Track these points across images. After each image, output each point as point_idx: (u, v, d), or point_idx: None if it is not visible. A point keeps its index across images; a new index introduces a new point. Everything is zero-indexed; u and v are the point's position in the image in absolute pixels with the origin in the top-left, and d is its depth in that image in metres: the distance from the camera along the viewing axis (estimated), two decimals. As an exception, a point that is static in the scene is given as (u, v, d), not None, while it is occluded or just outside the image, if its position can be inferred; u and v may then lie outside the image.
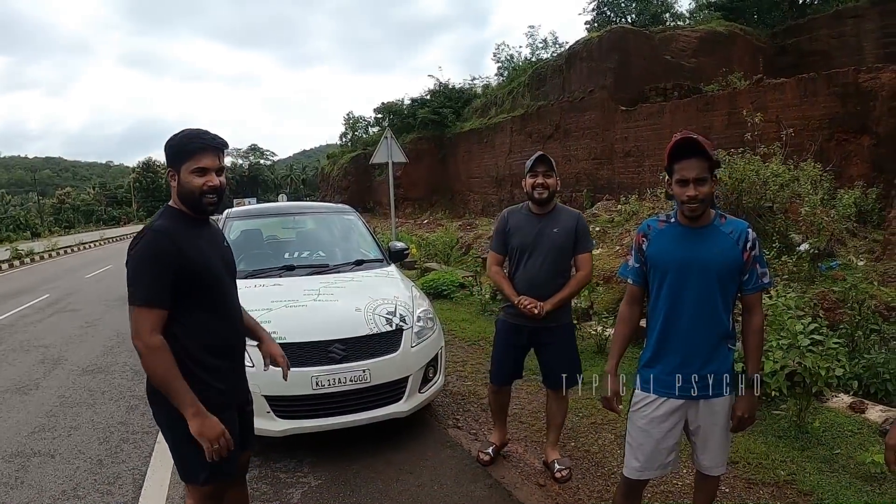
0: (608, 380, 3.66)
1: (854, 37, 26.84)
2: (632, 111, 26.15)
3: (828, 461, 5.36)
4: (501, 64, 52.53)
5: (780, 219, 11.32)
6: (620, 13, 43.67)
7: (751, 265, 3.39)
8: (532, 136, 33.21)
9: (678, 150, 3.30)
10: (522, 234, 5.19)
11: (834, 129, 18.10)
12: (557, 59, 33.98)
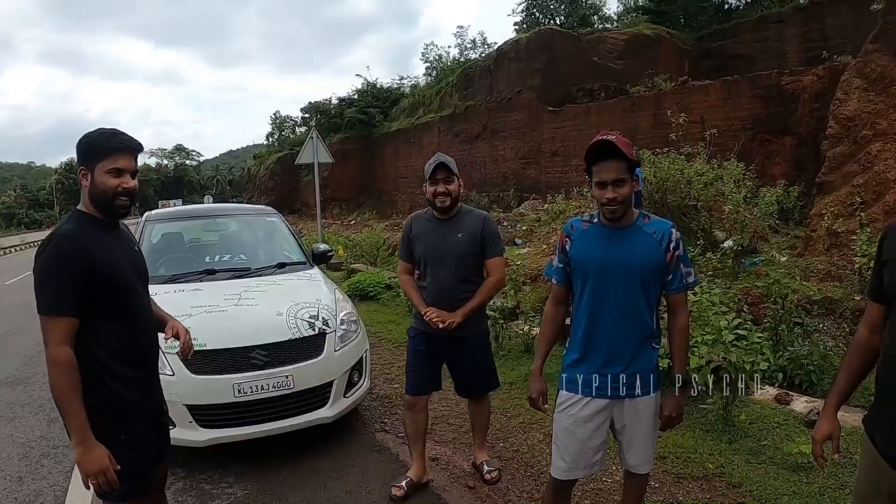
0: (534, 380, 3.75)
1: (777, 41, 27.52)
2: (559, 112, 26.16)
3: (755, 453, 5.49)
4: (430, 64, 52.27)
5: (705, 216, 11.43)
6: (549, 15, 43.89)
7: (674, 265, 3.43)
8: (460, 136, 33.01)
9: (595, 152, 3.31)
10: (426, 241, 4.99)
11: (757, 130, 18.46)
12: (486, 60, 33.84)
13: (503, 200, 28.21)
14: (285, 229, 8.26)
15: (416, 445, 5.22)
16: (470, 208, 5.16)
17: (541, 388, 3.72)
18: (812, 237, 11.53)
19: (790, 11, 27.91)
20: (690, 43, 31.13)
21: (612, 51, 29.20)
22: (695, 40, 31.54)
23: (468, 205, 5.29)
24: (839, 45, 22.14)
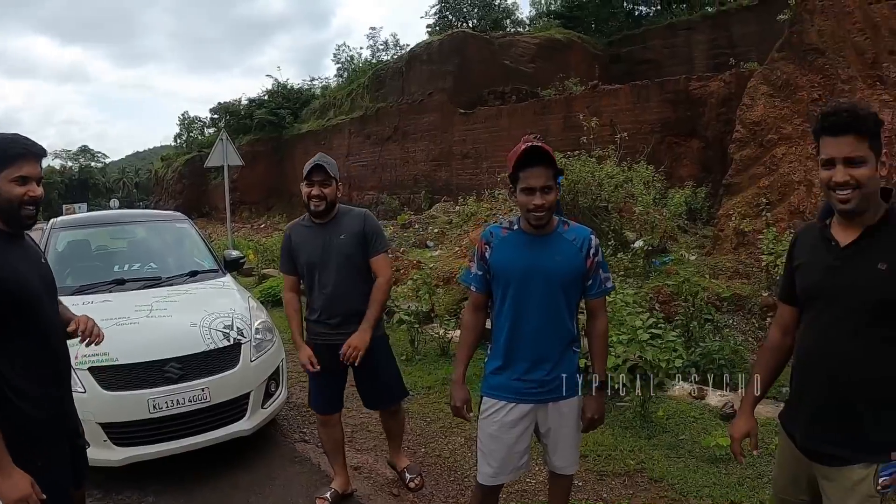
0: (457, 388, 3.69)
1: (685, 48, 28.24)
2: (470, 114, 26.22)
3: (674, 447, 5.59)
4: (341, 65, 51.94)
5: (615, 218, 11.59)
6: (462, 18, 44.00)
7: (594, 271, 3.47)
8: (371, 137, 32.78)
9: (524, 158, 3.28)
10: (308, 249, 4.73)
11: (666, 133, 18.85)
12: (398, 62, 33.74)
13: (414, 202, 28.08)
14: (196, 235, 7.95)
15: (335, 458, 5.07)
16: (349, 207, 4.94)
17: (464, 396, 3.67)
18: (720, 236, 11.81)
19: (698, 19, 28.75)
20: (601, 48, 31.57)
21: (524, 54, 29.36)
22: (605, 45, 32.03)
23: (377, 207, 5.04)
24: (745, 52, 22.82)
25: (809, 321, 2.77)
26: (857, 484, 2.59)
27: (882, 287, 2.52)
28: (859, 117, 2.51)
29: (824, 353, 2.67)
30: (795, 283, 2.84)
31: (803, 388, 2.78)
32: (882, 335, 2.56)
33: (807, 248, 2.84)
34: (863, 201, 2.53)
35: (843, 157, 2.52)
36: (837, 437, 2.64)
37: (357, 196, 31.82)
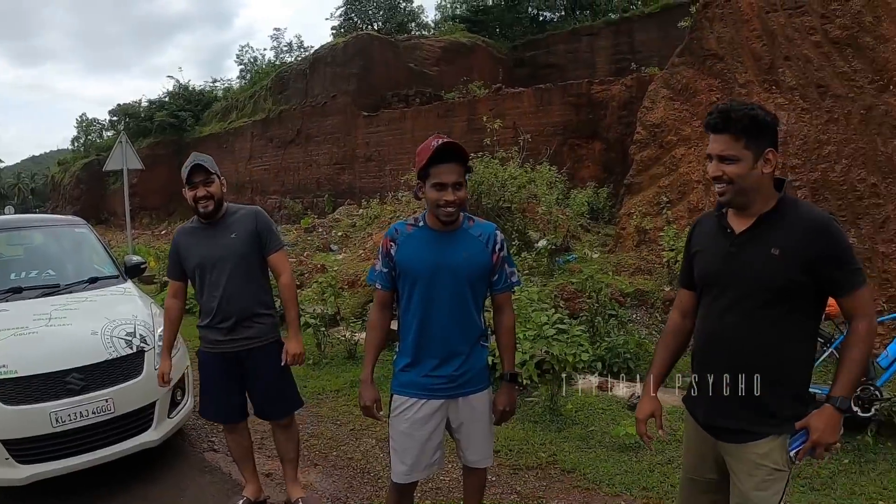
0: (365, 388, 3.66)
1: (588, 52, 28.84)
2: (374, 116, 26.08)
3: (584, 438, 5.78)
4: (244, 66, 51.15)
5: (519, 218, 11.78)
6: (367, 20, 43.80)
7: (500, 266, 3.53)
8: (273, 140, 32.26)
9: (438, 153, 3.27)
10: (198, 251, 4.51)
11: (568, 136, 19.14)
12: (302, 63, 33.28)
13: (317, 206, 27.83)
14: (95, 241, 7.64)
15: (245, 466, 4.94)
16: (237, 206, 4.74)
17: (373, 395, 3.64)
18: (622, 234, 12.02)
19: (602, 25, 29.46)
20: (505, 52, 31.93)
21: (429, 57, 29.40)
22: (509, 49, 32.42)
23: (281, 211, 4.85)
24: (647, 57, 23.43)
25: (707, 305, 2.93)
26: (763, 458, 2.75)
27: (775, 271, 2.69)
28: (731, 119, 2.69)
29: (722, 334, 2.84)
30: (694, 270, 3.03)
31: (704, 369, 2.93)
32: (775, 316, 2.73)
33: (704, 236, 3.02)
34: (738, 195, 2.75)
35: (717, 154, 2.74)
36: (739, 412, 2.79)
37: (260, 200, 31.28)
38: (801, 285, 2.69)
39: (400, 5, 43.81)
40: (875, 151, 8.71)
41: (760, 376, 2.75)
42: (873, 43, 9.03)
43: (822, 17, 9.65)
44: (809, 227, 2.70)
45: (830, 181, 9.02)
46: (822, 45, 9.62)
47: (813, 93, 9.62)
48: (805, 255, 2.66)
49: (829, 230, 2.69)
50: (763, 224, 2.77)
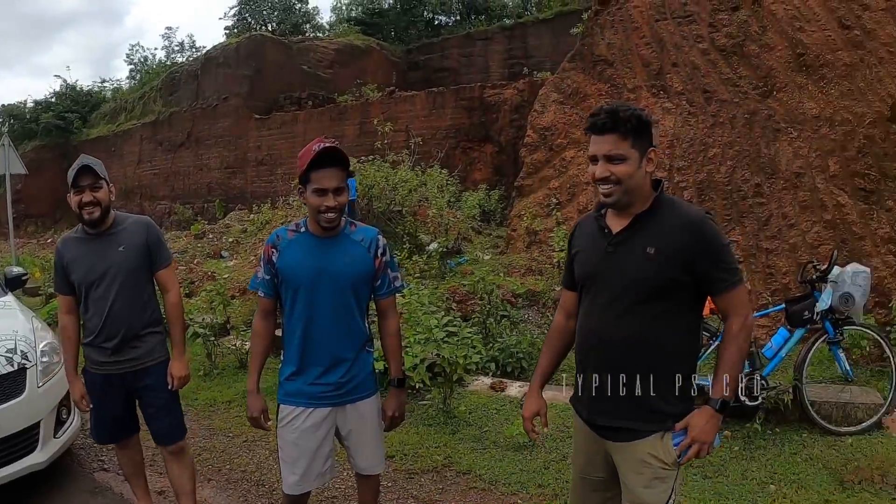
0: (252, 398, 3.62)
1: (482, 57, 29.13)
2: (265, 119, 25.70)
3: (479, 440, 5.82)
4: (134, 66, 49.48)
5: (410, 221, 11.81)
6: (262, 21, 42.93)
7: (383, 271, 3.52)
8: (163, 144, 31.30)
9: (318, 158, 3.23)
10: (83, 264, 4.09)
11: (460, 139, 19.31)
12: (193, 64, 32.41)
13: (208, 212, 27.17)
14: (-28, 250, 7.05)
15: (136, 483, 4.63)
16: (126, 215, 4.36)
17: (260, 405, 3.60)
18: (513, 236, 12.15)
19: (496, 30, 29.78)
20: (400, 55, 31.90)
21: (322, 59, 29.08)
22: (404, 53, 32.42)
23: (171, 217, 4.48)
24: (539, 62, 23.87)
25: (587, 304, 2.95)
26: (649, 456, 2.77)
27: (649, 270, 2.72)
28: (619, 118, 2.67)
29: (602, 332, 2.85)
30: (574, 270, 3.05)
31: (586, 367, 2.95)
32: (652, 313, 2.74)
33: (584, 236, 3.04)
34: (625, 195, 2.73)
35: (604, 154, 2.71)
36: (622, 410, 2.81)
37: (149, 206, 30.40)
38: (678, 283, 2.73)
39: (295, 6, 43.08)
40: (758, 153, 9.03)
41: (641, 374, 2.77)
42: (758, 51, 9.38)
43: (710, 25, 9.98)
44: (684, 226, 2.73)
45: (716, 182, 9.30)
46: (709, 53, 9.94)
47: (699, 98, 9.92)
48: (680, 253, 2.69)
49: (703, 229, 2.72)
50: (638, 223, 2.79)
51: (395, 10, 36.87)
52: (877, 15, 8.55)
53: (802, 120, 8.81)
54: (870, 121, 8.31)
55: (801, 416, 5.79)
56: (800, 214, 8.58)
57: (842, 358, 6.00)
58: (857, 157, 8.33)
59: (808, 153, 8.67)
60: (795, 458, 5.28)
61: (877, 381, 6.70)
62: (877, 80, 8.39)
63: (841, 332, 5.93)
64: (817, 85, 8.83)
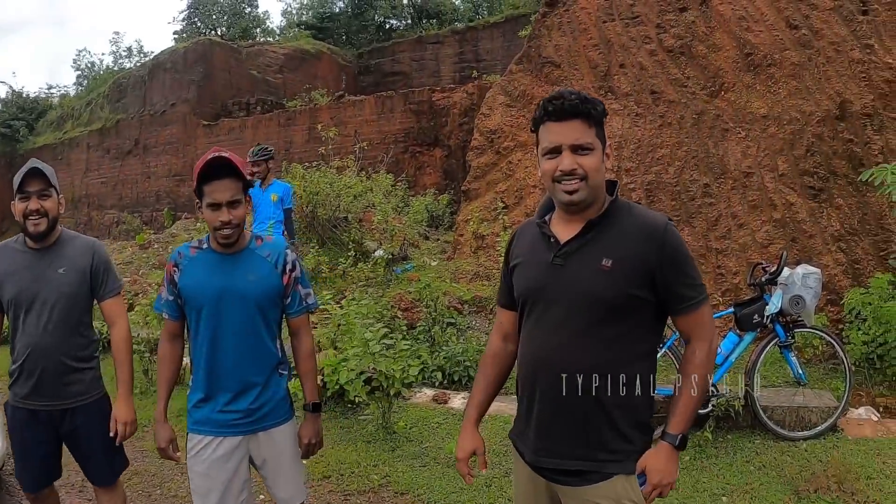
0: (159, 427, 3.38)
1: (433, 60, 29.12)
2: (214, 126, 25.23)
3: (419, 457, 5.61)
4: (81, 72, 48.59)
5: (356, 228, 11.67)
6: (211, 25, 42.39)
7: (293, 287, 3.29)
8: (110, 152, 30.57)
9: (208, 170, 3.01)
10: (17, 282, 3.62)
11: (409, 143, 19.17)
12: (140, 70, 31.74)
13: (156, 221, 26.57)
14: None
15: None
16: (74, 234, 3.89)
17: (168, 435, 3.38)
18: (460, 241, 12.00)
19: (447, 34, 29.71)
20: (351, 59, 31.67)
21: (272, 64, 28.72)
22: (355, 57, 32.16)
23: (118, 227, 4.09)
24: (491, 66, 24.00)
25: (530, 326, 2.55)
26: (613, 501, 2.40)
27: (605, 285, 2.37)
28: (587, 100, 2.36)
29: (551, 358, 2.45)
30: (514, 286, 2.66)
31: (531, 401, 2.54)
32: (608, 336, 2.40)
33: (524, 246, 2.65)
34: (590, 194, 2.39)
35: (571, 144, 2.35)
36: (576, 450, 2.45)
37: (97, 216, 29.73)
38: (638, 300, 2.39)
39: (245, 11, 42.65)
40: (707, 154, 9.01)
41: (597, 407, 2.41)
42: (706, 51, 9.37)
43: (658, 26, 9.96)
44: (645, 234, 2.40)
45: (664, 183, 9.25)
46: (657, 54, 9.91)
47: (647, 98, 9.89)
48: (641, 266, 2.37)
49: (667, 238, 2.39)
50: (592, 231, 2.43)
51: (346, 14, 36.61)
52: (824, 14, 8.61)
53: (751, 119, 8.82)
54: (818, 119, 8.34)
55: (753, 422, 5.70)
56: (749, 214, 8.58)
57: (794, 361, 5.83)
58: (806, 155, 8.36)
59: (757, 152, 8.68)
60: (748, 466, 5.16)
61: (829, 381, 6.70)
62: (825, 79, 8.42)
63: (792, 335, 5.82)
64: (765, 84, 8.85)
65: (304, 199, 11.39)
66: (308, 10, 40.87)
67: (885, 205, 7.76)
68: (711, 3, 9.43)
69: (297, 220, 11.38)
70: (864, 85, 8.23)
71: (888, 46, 8.26)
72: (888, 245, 7.87)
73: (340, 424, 6.40)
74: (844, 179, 8.17)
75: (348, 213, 11.67)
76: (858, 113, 8.18)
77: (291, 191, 8.48)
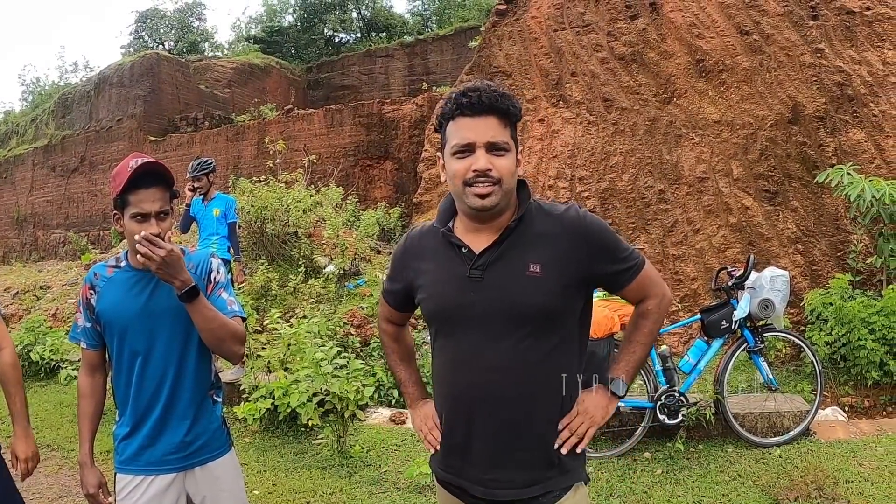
0: (85, 471, 2.97)
1: (383, 74, 29.02)
2: (161, 141, 24.81)
3: (377, 482, 5.38)
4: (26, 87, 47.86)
5: (305, 243, 11.34)
6: (158, 40, 41.96)
7: (216, 292, 2.94)
8: (56, 169, 29.90)
9: (136, 178, 2.70)
10: None
11: (359, 156, 19.04)
12: (86, 85, 31.13)
13: (104, 240, 25.95)
14: None
15: None
16: None
17: (96, 478, 2.98)
18: None
19: (397, 47, 29.64)
20: (300, 73, 31.50)
21: (220, 79, 28.42)
22: (304, 71, 32.01)
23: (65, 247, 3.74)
24: (440, 78, 24.07)
25: (452, 349, 2.27)
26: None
27: (539, 290, 2.14)
28: (506, 96, 2.13)
29: (483, 384, 2.18)
30: (421, 303, 2.39)
31: (467, 431, 2.24)
32: (545, 348, 2.17)
33: (427, 257, 2.36)
34: (503, 198, 2.15)
35: (487, 142, 2.11)
36: (534, 474, 2.21)
37: (43, 236, 29.06)
38: (569, 302, 2.20)
39: (193, 25, 42.32)
40: (661, 160, 9.02)
41: (547, 425, 2.20)
42: (657, 58, 9.41)
43: (609, 34, 9.97)
44: (566, 229, 2.20)
45: (619, 190, 9.22)
46: (609, 61, 9.91)
47: (599, 106, 9.88)
48: (573, 264, 2.17)
49: (588, 226, 2.21)
50: (511, 236, 2.19)
51: (294, 28, 36.52)
52: (774, 20, 8.68)
53: (704, 125, 8.84)
54: (771, 123, 8.40)
55: (725, 430, 5.64)
56: (705, 219, 8.58)
57: (763, 367, 5.74)
58: (760, 159, 8.40)
59: (711, 158, 8.71)
60: (723, 476, 5.05)
61: (795, 383, 6.72)
62: (776, 84, 8.46)
63: (761, 339, 5.72)
64: (717, 90, 8.90)
65: (252, 214, 11.16)
66: (257, 24, 40.76)
67: (841, 206, 7.83)
68: (662, 10, 9.46)
69: (245, 237, 11.14)
70: (815, 88, 8.28)
71: (838, 50, 8.33)
72: (845, 245, 7.91)
73: (294, 450, 6.16)
74: (799, 182, 8.22)
75: (298, 229, 11.41)
76: (811, 116, 8.22)
77: (235, 204, 8.21)
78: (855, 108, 8.15)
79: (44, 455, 6.64)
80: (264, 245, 11.42)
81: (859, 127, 8.11)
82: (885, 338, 6.50)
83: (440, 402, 2.37)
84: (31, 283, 15.70)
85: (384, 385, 7.11)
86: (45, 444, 6.79)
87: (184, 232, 8.89)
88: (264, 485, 5.45)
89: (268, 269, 10.37)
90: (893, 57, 8.14)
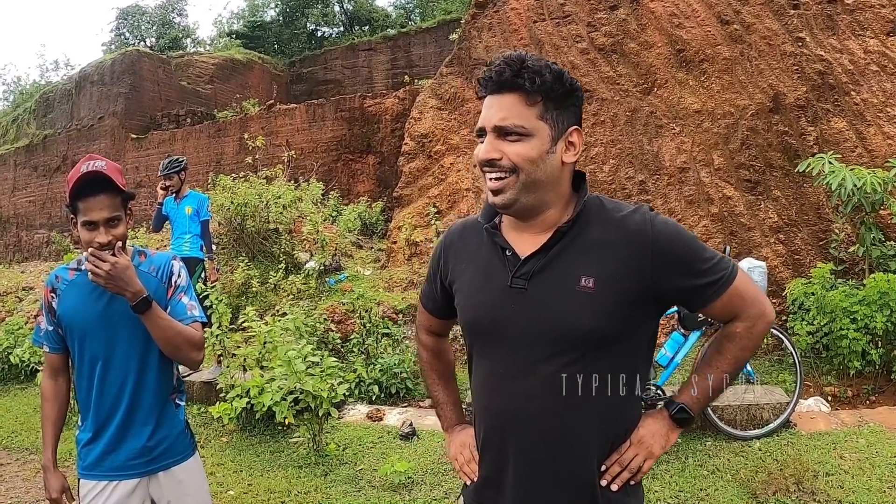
0: (49, 476, 3.01)
1: (366, 68, 28.88)
2: (143, 139, 24.68)
3: (353, 480, 5.34)
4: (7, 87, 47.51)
5: (286, 239, 11.33)
6: (140, 36, 41.70)
7: (175, 296, 2.93)
8: (38, 169, 29.65)
9: (82, 185, 2.65)
10: None
11: (342, 151, 18.93)
12: (67, 83, 30.87)
13: (87, 240, 25.81)
14: None
15: None
16: None
17: (60, 483, 2.99)
18: (393, 249, 11.87)
19: (379, 40, 29.48)
20: (282, 68, 31.35)
21: (202, 75, 28.25)
22: (287, 66, 31.88)
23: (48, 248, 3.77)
24: (424, 71, 24.02)
25: (489, 368, 1.96)
26: None
27: (591, 311, 1.79)
28: (527, 69, 1.75)
29: (522, 413, 1.87)
30: (458, 310, 2.07)
31: (501, 463, 1.95)
32: (596, 377, 1.83)
33: (469, 257, 2.03)
34: (525, 193, 1.79)
35: (494, 125, 1.77)
36: None
37: (27, 237, 28.82)
38: (627, 325, 1.84)
39: (174, 21, 42.08)
40: (642, 150, 9.01)
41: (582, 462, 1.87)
42: (638, 49, 9.35)
43: (589, 25, 9.90)
44: (631, 238, 1.84)
45: (599, 181, 9.18)
46: (589, 52, 9.85)
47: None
48: (635, 280, 1.82)
49: (657, 234, 1.84)
50: (562, 240, 1.86)
51: (277, 22, 36.34)
52: (755, 9, 8.63)
53: (685, 115, 8.81)
54: (752, 113, 8.35)
55: (703, 423, 5.53)
56: (686, 209, 8.58)
57: (742, 359, 5.66)
58: (741, 149, 8.36)
59: (692, 148, 8.67)
60: (701, 470, 4.98)
61: (776, 374, 6.70)
62: (757, 73, 8.42)
63: (739, 331, 5.62)
64: (698, 80, 8.85)
65: (232, 210, 11.12)
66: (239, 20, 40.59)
67: (823, 195, 7.77)
68: (642, 0, 9.41)
69: (226, 234, 11.03)
70: (796, 77, 8.23)
71: (819, 39, 8.28)
72: (827, 235, 7.89)
73: (271, 448, 6.11)
74: (781, 171, 8.18)
75: (278, 225, 11.39)
76: (792, 105, 8.17)
77: (208, 202, 8.11)
78: (836, 97, 8.11)
79: (22, 459, 6.68)
80: (244, 242, 11.35)
81: (841, 116, 8.06)
82: (867, 327, 6.45)
83: (476, 425, 2.09)
84: (13, 285, 15.58)
85: (364, 381, 7.10)
86: (23, 448, 6.73)
87: (156, 231, 8.82)
88: (240, 485, 5.41)
89: (248, 266, 10.29)
90: (875, 45, 8.09)
